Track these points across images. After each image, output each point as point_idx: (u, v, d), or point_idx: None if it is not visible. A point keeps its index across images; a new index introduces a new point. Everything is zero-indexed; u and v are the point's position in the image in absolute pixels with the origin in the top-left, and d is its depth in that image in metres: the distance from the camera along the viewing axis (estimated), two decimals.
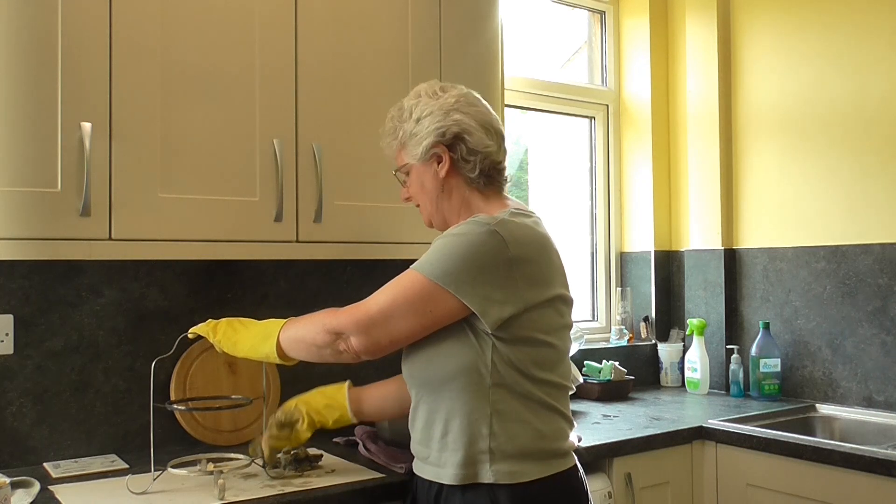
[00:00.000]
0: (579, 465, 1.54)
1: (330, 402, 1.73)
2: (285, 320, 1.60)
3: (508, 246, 1.42)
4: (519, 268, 1.43)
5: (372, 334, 1.46)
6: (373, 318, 1.46)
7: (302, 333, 1.55)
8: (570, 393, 1.57)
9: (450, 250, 1.43)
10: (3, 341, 1.83)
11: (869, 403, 2.58)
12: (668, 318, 3.20)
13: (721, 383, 2.95)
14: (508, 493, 1.41)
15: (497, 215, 1.47)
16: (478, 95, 1.60)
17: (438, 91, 1.57)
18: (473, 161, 1.53)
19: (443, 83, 1.61)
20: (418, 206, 1.63)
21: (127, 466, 1.81)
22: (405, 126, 1.57)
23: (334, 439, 2.04)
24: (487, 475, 1.41)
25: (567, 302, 1.53)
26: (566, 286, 1.54)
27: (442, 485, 1.47)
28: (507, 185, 1.62)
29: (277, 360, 1.59)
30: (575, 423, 1.58)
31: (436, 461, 1.48)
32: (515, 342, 1.43)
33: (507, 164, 1.61)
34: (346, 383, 1.76)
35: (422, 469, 1.53)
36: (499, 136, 1.58)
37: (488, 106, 1.60)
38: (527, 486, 1.42)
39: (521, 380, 1.44)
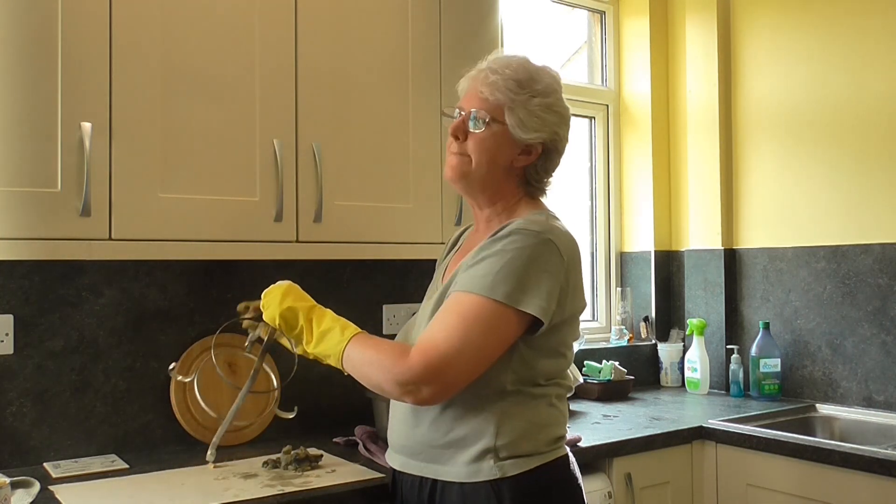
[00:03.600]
0: (570, 453, 1.54)
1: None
2: (349, 336, 1.44)
3: (562, 255, 1.41)
4: (567, 277, 1.42)
5: (447, 380, 1.35)
6: (448, 362, 1.33)
7: (367, 372, 1.41)
8: (569, 395, 1.57)
9: (511, 267, 1.37)
10: (3, 341, 1.83)
11: (869, 403, 2.58)
12: (668, 318, 3.20)
13: (721, 383, 2.95)
14: (510, 485, 1.40)
15: (539, 218, 1.45)
16: None
17: (564, 98, 1.53)
18: (542, 175, 1.54)
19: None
20: (457, 153, 1.50)
21: (127, 466, 1.81)
22: (533, 99, 1.46)
23: (334, 439, 2.04)
24: (493, 471, 1.40)
25: (582, 312, 1.53)
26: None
27: (436, 481, 1.46)
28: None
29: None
30: (570, 428, 1.58)
31: (434, 458, 1.46)
32: (541, 353, 1.43)
33: None
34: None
35: (408, 465, 1.50)
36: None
37: None
38: (526, 475, 1.41)
39: (534, 388, 1.45)
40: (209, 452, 1.77)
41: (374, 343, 1.43)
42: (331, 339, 1.44)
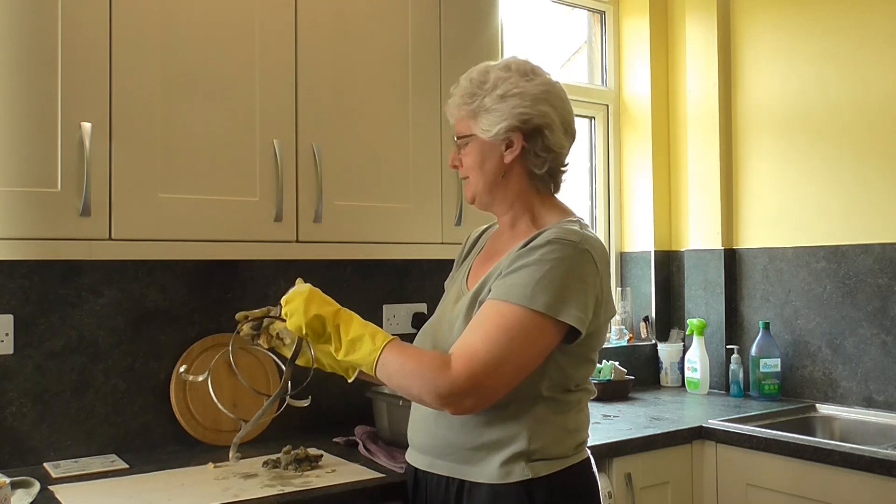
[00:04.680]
0: (591, 456, 1.55)
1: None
2: (381, 344, 1.39)
3: (597, 265, 1.41)
4: (601, 286, 1.43)
5: (490, 391, 1.34)
6: (490, 374, 1.32)
7: (404, 383, 1.38)
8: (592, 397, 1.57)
9: (550, 277, 1.36)
10: (3, 341, 1.83)
11: (869, 403, 2.58)
12: (668, 318, 3.20)
13: (721, 383, 2.95)
14: (540, 485, 1.41)
15: (573, 227, 1.44)
16: (563, 89, 1.52)
17: (530, 73, 1.48)
18: (545, 158, 1.49)
19: (535, 65, 1.51)
20: (465, 178, 1.55)
21: (127, 466, 1.81)
22: (486, 98, 1.47)
23: (334, 439, 2.04)
24: (525, 472, 1.40)
25: (612, 318, 1.55)
26: None
27: (464, 482, 1.45)
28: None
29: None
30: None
31: (464, 459, 1.45)
32: (575, 360, 1.44)
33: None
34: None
35: (435, 465, 1.50)
36: (573, 138, 1.53)
37: (570, 104, 1.54)
38: (555, 475, 1.42)
39: (565, 394, 1.46)
40: (232, 454, 1.73)
41: (411, 353, 1.40)
42: (362, 348, 1.40)
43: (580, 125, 3.27)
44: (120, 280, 1.99)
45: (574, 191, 3.30)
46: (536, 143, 1.48)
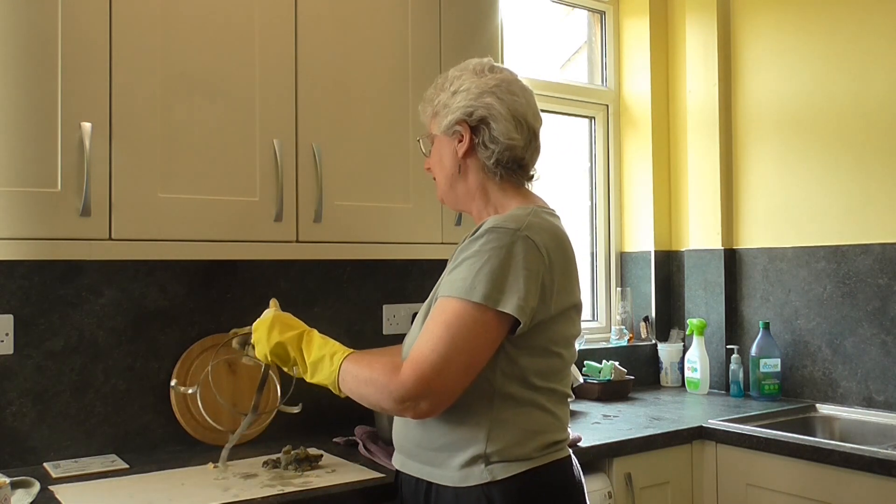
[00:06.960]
0: (573, 456, 1.52)
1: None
2: (339, 362, 1.43)
3: (541, 251, 1.38)
4: (551, 273, 1.39)
5: (442, 390, 1.33)
6: (439, 373, 1.32)
7: (364, 393, 1.41)
8: (570, 400, 1.54)
9: (488, 267, 1.35)
10: (3, 341, 1.83)
11: (869, 403, 2.58)
12: (668, 318, 3.20)
13: (721, 383, 2.95)
14: (501, 488, 1.39)
15: (518, 213, 1.43)
16: (525, 86, 1.54)
17: (486, 70, 1.52)
18: (493, 149, 1.48)
19: (496, 64, 1.55)
20: (434, 179, 1.60)
21: (127, 466, 1.81)
22: (442, 95, 1.53)
23: (334, 439, 2.04)
24: (484, 476, 1.40)
25: (580, 310, 1.50)
26: (579, 291, 1.50)
27: (431, 483, 1.46)
28: (533, 182, 1.58)
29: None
30: (570, 428, 1.55)
31: (428, 460, 1.46)
32: (528, 351, 1.40)
33: (534, 162, 1.56)
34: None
35: (406, 465, 1.51)
36: (529, 132, 1.52)
37: (531, 100, 1.53)
38: (518, 477, 1.40)
39: (525, 390, 1.42)
40: (222, 463, 1.76)
41: (365, 363, 1.41)
42: (322, 369, 1.44)
43: (580, 125, 3.28)
44: (120, 280, 1.99)
45: (574, 191, 3.30)
46: (484, 134, 1.50)
